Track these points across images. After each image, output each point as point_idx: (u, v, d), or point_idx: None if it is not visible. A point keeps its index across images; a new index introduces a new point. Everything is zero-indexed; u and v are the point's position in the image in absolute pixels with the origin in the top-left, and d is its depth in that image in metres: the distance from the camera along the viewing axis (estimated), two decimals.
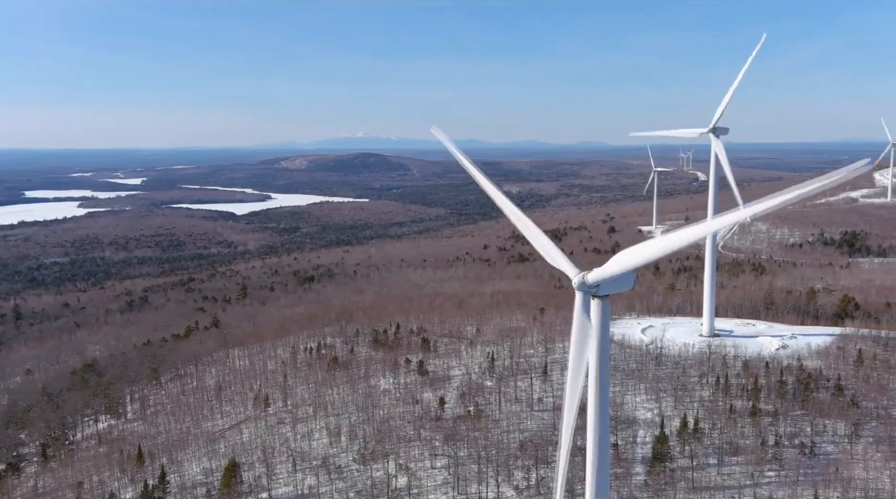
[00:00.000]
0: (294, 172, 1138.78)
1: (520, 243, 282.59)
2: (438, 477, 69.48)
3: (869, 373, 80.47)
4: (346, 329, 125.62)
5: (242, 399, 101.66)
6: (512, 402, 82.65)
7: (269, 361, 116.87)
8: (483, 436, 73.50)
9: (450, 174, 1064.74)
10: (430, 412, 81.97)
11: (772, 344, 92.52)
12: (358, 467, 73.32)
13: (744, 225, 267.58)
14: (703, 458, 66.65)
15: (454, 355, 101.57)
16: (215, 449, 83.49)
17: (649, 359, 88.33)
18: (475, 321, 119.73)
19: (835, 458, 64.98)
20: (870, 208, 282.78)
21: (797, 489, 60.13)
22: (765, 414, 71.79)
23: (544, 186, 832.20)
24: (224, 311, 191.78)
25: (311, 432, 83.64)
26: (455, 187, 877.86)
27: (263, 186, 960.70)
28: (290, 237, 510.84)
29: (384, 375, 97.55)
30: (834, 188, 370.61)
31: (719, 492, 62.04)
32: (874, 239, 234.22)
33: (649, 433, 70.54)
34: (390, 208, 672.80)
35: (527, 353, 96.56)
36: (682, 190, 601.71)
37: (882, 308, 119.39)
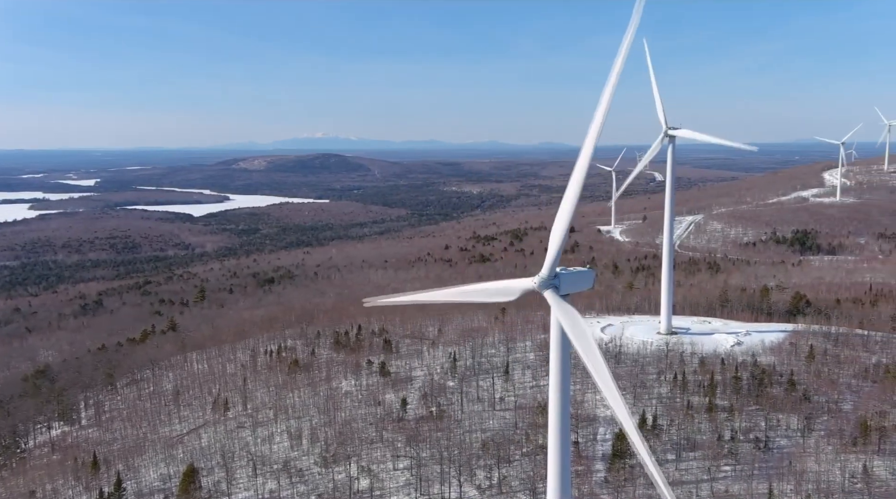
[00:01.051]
0: (253, 172, 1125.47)
1: (481, 244, 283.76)
2: (401, 478, 69.40)
3: (820, 368, 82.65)
4: (306, 331, 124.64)
5: (201, 404, 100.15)
6: (474, 402, 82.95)
7: (228, 364, 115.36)
8: (445, 436, 73.60)
9: (410, 175, 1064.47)
10: (392, 414, 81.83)
11: (727, 341, 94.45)
12: (319, 469, 72.83)
13: (700, 224, 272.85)
14: (662, 454, 67.72)
15: (416, 356, 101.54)
16: (173, 455, 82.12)
17: (609, 357, 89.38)
18: (437, 322, 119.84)
19: (788, 451, 66.62)
20: (819, 207, 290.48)
21: (752, 483, 61.50)
22: (721, 410, 73.27)
23: (505, 186, 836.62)
24: (181, 314, 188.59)
25: (271, 435, 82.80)
26: (416, 188, 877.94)
27: (221, 186, 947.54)
28: (249, 239, 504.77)
29: (346, 377, 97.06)
30: (785, 187, 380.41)
31: (677, 487, 63.08)
32: (824, 237, 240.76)
33: (609, 431, 71.43)
34: (351, 209, 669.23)
35: (488, 353, 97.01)
36: (640, 190, 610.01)
37: (832, 305, 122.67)
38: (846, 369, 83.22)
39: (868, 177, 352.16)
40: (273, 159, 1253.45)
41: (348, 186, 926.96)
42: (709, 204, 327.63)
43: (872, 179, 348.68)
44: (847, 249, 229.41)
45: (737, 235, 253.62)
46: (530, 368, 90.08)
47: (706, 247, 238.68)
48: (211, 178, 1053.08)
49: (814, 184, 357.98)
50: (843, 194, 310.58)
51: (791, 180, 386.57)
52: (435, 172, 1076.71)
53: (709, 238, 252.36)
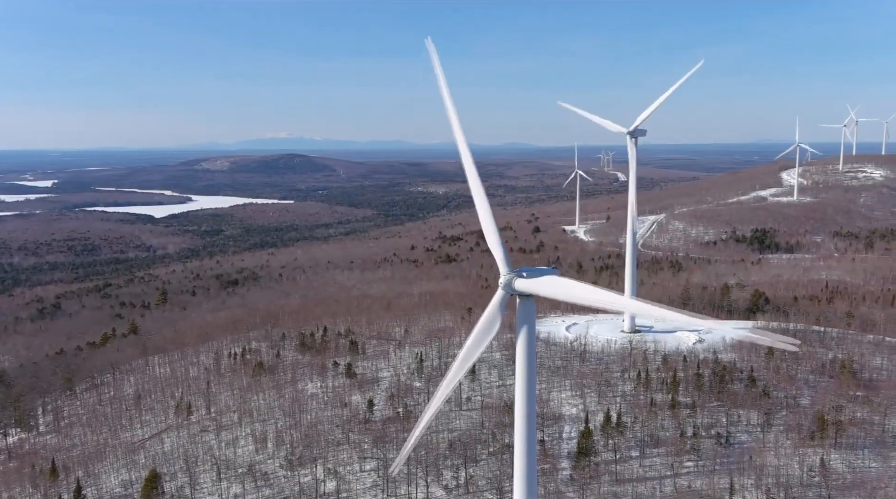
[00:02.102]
0: (216, 173, 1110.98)
1: (447, 244, 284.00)
2: (367, 480, 69.18)
3: (779, 364, 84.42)
4: (271, 333, 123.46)
5: (163, 408, 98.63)
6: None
7: (191, 367, 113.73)
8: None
9: (376, 175, 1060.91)
10: (358, 415, 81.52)
11: (689, 339, 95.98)
12: (285, 472, 72.25)
13: (662, 224, 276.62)
14: (626, 451, 68.59)
15: (383, 357, 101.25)
16: (135, 460, 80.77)
17: (574, 356, 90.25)
18: (403, 322, 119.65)
19: (748, 446, 67.93)
20: (778, 207, 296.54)
21: (714, 478, 62.58)
22: (683, 406, 74.40)
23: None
24: (143, 317, 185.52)
25: (236, 439, 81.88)
26: (382, 188, 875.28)
27: (183, 187, 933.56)
28: (212, 240, 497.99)
29: (311, 378, 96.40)
30: (744, 187, 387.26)
31: (641, 483, 63.95)
32: (782, 236, 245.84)
33: (574, 429, 72.09)
34: (316, 210, 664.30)
35: (455, 353, 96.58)
36: (604, 190, 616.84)
37: (790, 302, 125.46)
38: (804, 365, 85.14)
39: (824, 177, 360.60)
40: (236, 160, 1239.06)
41: (313, 187, 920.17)
42: (671, 204, 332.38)
43: (828, 178, 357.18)
44: (804, 247, 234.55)
45: (698, 234, 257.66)
46: (496, 367, 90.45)
47: (668, 246, 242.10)
48: (173, 178, 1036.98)
49: (772, 184, 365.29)
50: (800, 194, 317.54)
51: (750, 180, 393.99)
52: (400, 172, 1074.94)
53: (671, 237, 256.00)
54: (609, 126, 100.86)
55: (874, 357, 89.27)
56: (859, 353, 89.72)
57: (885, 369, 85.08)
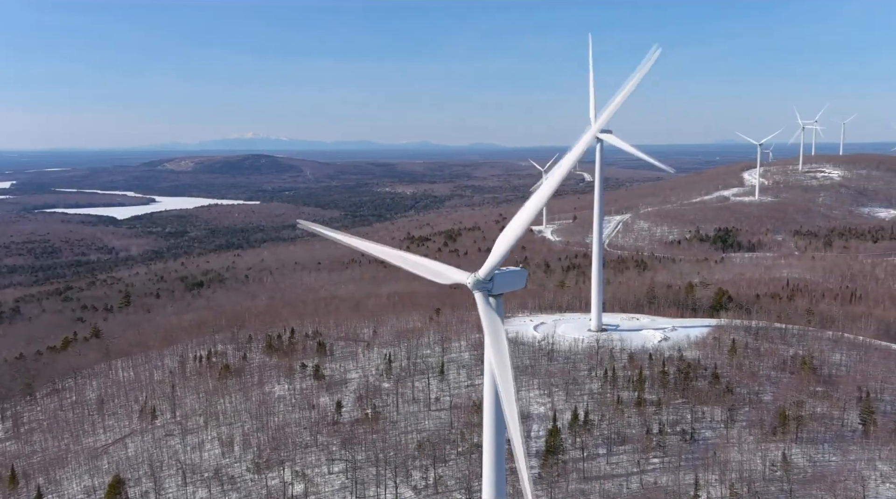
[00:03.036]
0: (180, 173, 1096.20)
1: (415, 244, 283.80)
2: (336, 482, 68.87)
3: (742, 361, 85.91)
4: (237, 335, 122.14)
5: (127, 412, 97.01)
6: (410, 402, 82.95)
7: (155, 371, 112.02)
8: (381, 438, 73.41)
9: (343, 175, 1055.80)
10: (326, 417, 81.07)
11: (655, 337, 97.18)
12: (252, 476, 71.58)
13: (628, 223, 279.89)
14: (593, 448, 69.27)
15: (351, 358, 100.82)
16: (98, 466, 79.34)
17: (541, 355, 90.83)
18: (371, 323, 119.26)
19: (713, 443, 69.04)
20: (740, 206, 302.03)
21: (679, 474, 63.49)
22: (649, 404, 75.34)
23: (438, 187, 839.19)
24: (105, 320, 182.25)
25: (201, 442, 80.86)
26: (349, 189, 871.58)
27: (146, 188, 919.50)
28: (176, 242, 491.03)
29: (279, 381, 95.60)
30: (707, 187, 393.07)
31: (608, 480, 64.63)
32: (744, 235, 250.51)
33: (543, 427, 72.55)
34: (283, 211, 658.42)
35: (423, 353, 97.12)
36: (570, 190, 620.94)
37: (752, 300, 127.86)
38: (766, 362, 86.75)
39: (784, 177, 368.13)
40: (201, 160, 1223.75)
41: (279, 188, 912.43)
42: (636, 204, 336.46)
43: (788, 178, 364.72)
44: (766, 246, 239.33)
45: (662, 233, 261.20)
46: (465, 367, 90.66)
47: (634, 245, 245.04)
48: (136, 179, 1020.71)
49: (734, 183, 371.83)
50: (761, 193, 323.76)
51: (713, 180, 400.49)
52: (368, 172, 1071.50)
53: (636, 237, 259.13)
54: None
55: (833, 353, 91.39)
56: (819, 349, 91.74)
57: (843, 365, 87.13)
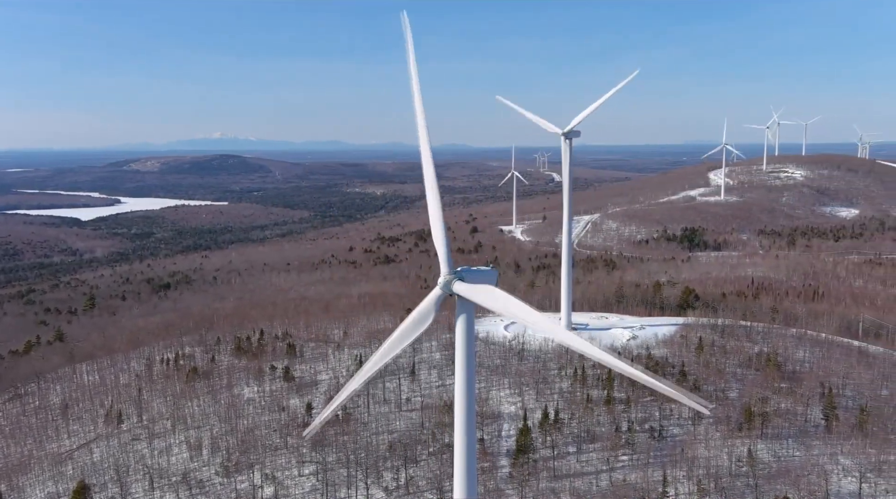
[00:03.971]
0: (146, 174, 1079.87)
1: (385, 245, 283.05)
2: (306, 484, 68.47)
3: (708, 359, 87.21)
4: (206, 337, 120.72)
5: (92, 417, 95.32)
6: (380, 403, 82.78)
7: (121, 374, 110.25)
8: (352, 439, 73.16)
9: (312, 176, 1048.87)
10: (297, 419, 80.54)
11: (623, 335, 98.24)
12: (221, 479, 70.84)
13: (596, 223, 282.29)
14: (564, 447, 69.80)
15: (321, 360, 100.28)
16: (62, 471, 77.88)
17: (512, 354, 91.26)
18: (342, 324, 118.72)
19: (680, 439, 70.00)
20: (706, 206, 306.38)
21: (648, 471, 64.26)
22: (618, 402, 76.12)
23: (408, 187, 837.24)
24: (70, 323, 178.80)
25: (169, 446, 79.83)
26: (318, 189, 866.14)
27: (111, 189, 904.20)
28: (142, 243, 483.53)
29: (248, 383, 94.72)
30: (674, 187, 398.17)
31: (578, 478, 65.17)
32: (710, 234, 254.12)
33: (513, 426, 72.92)
34: (251, 211, 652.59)
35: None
36: (540, 190, 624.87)
37: (718, 298, 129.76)
38: (732, 359, 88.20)
39: (749, 177, 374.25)
40: (168, 160, 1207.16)
41: (248, 188, 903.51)
42: (604, 204, 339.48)
43: (753, 178, 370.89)
44: (731, 245, 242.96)
45: (630, 233, 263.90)
46: (436, 367, 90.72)
47: (602, 245, 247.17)
48: (100, 180, 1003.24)
49: (700, 183, 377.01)
50: (726, 193, 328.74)
51: (680, 180, 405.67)
52: (338, 173, 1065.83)
53: (605, 237, 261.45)
54: (545, 125, 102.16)
55: (797, 350, 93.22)
56: (783, 346, 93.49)
57: (807, 362, 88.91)
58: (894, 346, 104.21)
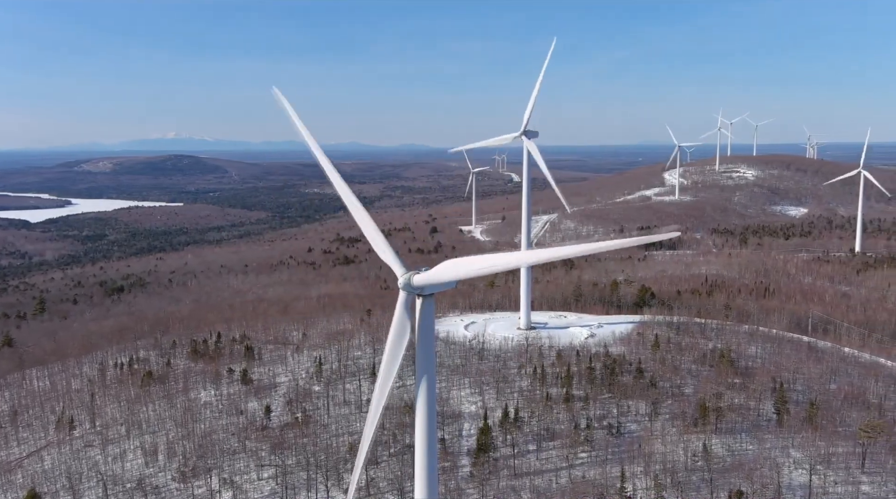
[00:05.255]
0: (98, 175, 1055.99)
1: (345, 246, 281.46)
2: (266, 488, 67.73)
3: (664, 355, 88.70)
4: (161, 341, 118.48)
5: (43, 424, 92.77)
6: (341, 405, 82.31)
7: (73, 380, 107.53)
8: (312, 442, 72.59)
9: (270, 176, 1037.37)
10: (255, 422, 79.60)
11: (581, 333, 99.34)
12: (178, 485, 69.65)
13: (555, 223, 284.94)
14: (524, 445, 70.29)
15: (280, 362, 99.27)
16: (11, 480, 75.65)
17: (472, 354, 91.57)
18: (301, 326, 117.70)
19: (638, 435, 71.04)
20: (661, 205, 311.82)
21: (606, 467, 65.10)
22: (577, 399, 76.95)
23: (368, 187, 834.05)
24: (19, 328, 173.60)
25: (123, 452, 78.17)
26: (276, 190, 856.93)
27: (62, 190, 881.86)
28: (94, 245, 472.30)
29: (205, 387, 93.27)
30: (630, 187, 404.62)
31: (538, 476, 65.71)
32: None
33: (474, 426, 73.18)
34: (207, 212, 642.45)
35: (354, 355, 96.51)
36: (499, 190, 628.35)
37: (674, 296, 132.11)
38: (687, 356, 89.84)
39: (702, 177, 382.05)
40: (120, 161, 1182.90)
41: (204, 189, 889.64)
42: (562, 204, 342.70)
43: (706, 178, 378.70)
44: (686, 244, 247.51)
45: (588, 232, 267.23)
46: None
47: (561, 244, 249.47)
48: (50, 181, 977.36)
49: (656, 183, 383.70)
50: (681, 193, 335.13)
51: (636, 180, 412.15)
52: (296, 173, 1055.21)
53: (563, 236, 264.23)
54: (502, 140, 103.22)
55: (749, 346, 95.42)
56: (736, 342, 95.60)
57: (759, 358, 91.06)
58: (842, 341, 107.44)
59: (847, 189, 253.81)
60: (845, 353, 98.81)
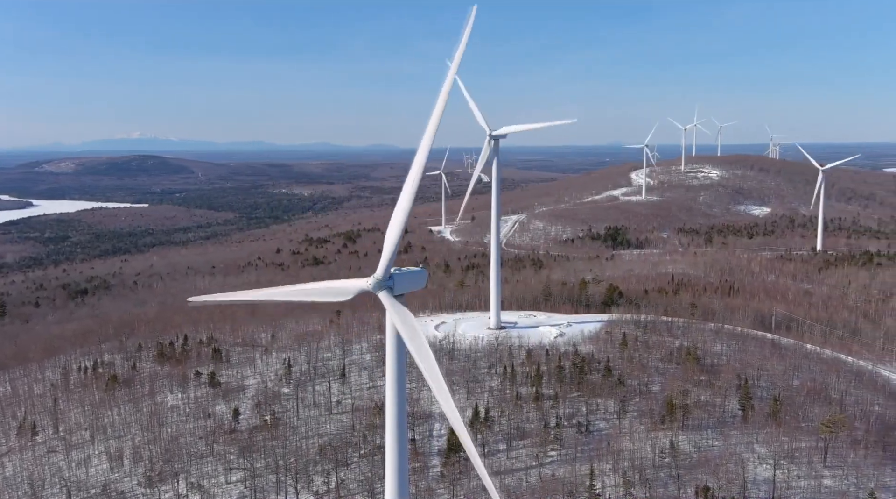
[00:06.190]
0: (60, 175, 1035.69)
1: (314, 246, 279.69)
2: (234, 491, 67.07)
3: (632, 354, 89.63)
4: (126, 344, 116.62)
5: (4, 429, 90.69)
6: (310, 407, 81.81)
7: (35, 385, 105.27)
8: (281, 444, 72.05)
9: (237, 177, 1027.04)
10: (223, 425, 78.76)
11: (551, 333, 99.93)
12: (144, 490, 68.62)
13: (524, 223, 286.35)
14: (494, 444, 70.56)
15: (248, 364, 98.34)
16: None
17: (443, 354, 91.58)
18: (270, 328, 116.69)
19: (606, 433, 71.70)
20: (628, 205, 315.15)
21: (576, 465, 65.60)
22: (546, 398, 77.43)
23: (336, 188, 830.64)
24: None
25: (87, 458, 76.78)
26: (243, 190, 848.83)
27: (22, 191, 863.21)
28: (57, 247, 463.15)
29: (171, 390, 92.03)
30: (598, 187, 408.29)
31: (508, 475, 66.00)
32: (633, 233, 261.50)
33: (444, 426, 73.22)
34: (173, 213, 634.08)
35: (324, 356, 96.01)
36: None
37: (641, 295, 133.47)
38: (654, 354, 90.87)
39: (668, 177, 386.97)
40: (83, 161, 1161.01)
41: (169, 190, 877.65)
42: (531, 204, 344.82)
43: (672, 178, 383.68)
44: (652, 243, 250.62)
45: (557, 232, 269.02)
46: (367, 369, 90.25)
47: (530, 244, 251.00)
48: (10, 182, 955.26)
49: (623, 183, 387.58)
50: (647, 193, 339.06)
51: (603, 180, 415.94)
52: (263, 173, 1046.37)
53: (532, 236, 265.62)
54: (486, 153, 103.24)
55: (715, 344, 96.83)
56: (702, 340, 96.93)
57: (724, 355, 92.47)
58: (804, 338, 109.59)
59: (809, 189, 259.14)
60: (807, 349, 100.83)
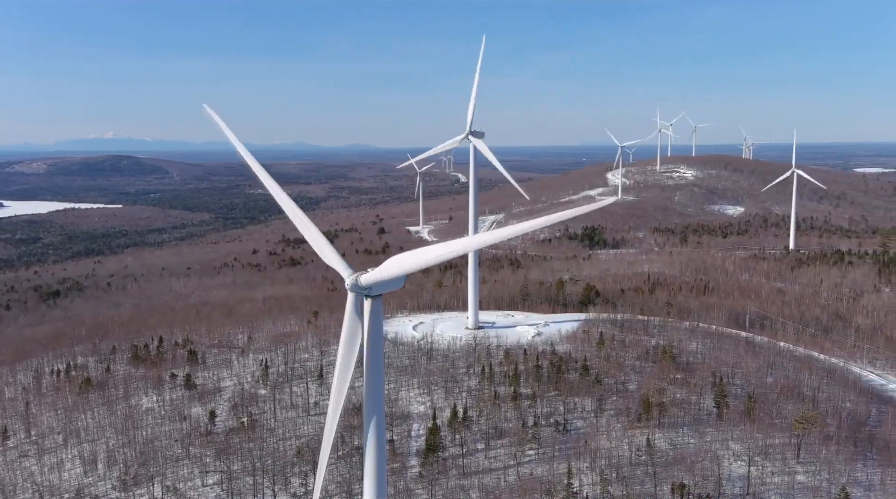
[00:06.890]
0: (31, 176, 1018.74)
1: (291, 247, 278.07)
2: (211, 494, 66.49)
3: (609, 353, 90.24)
4: (100, 346, 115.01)
5: None
6: (287, 408, 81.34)
7: (6, 388, 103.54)
8: (258, 446, 71.55)
9: (213, 177, 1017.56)
10: (199, 428, 78.03)
11: (528, 332, 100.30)
12: (118, 494, 67.78)
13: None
14: (472, 444, 70.65)
15: (225, 366, 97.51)
16: None
17: (421, 354, 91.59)
18: (246, 329, 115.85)
19: (584, 432, 72.12)
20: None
21: (554, 464, 65.91)
22: (524, 397, 77.68)
23: (313, 188, 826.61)
24: None
25: (60, 462, 75.68)
26: (219, 191, 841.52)
27: None
28: (28, 249, 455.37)
29: (146, 392, 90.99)
30: (574, 187, 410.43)
31: (487, 474, 66.16)
32: (609, 232, 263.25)
33: (423, 426, 73.22)
34: (148, 214, 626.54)
35: (301, 357, 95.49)
36: (446, 191, 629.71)
37: (618, 294, 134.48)
38: (631, 352, 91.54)
39: (644, 177, 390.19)
40: (56, 162, 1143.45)
41: (144, 190, 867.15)
42: (508, 204, 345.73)
43: (647, 178, 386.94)
44: (628, 242, 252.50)
45: (534, 232, 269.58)
46: None
47: (507, 244, 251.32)
48: None
49: (599, 183, 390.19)
50: (623, 193, 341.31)
51: (580, 180, 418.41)
52: (240, 173, 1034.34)
53: None
54: (450, 145, 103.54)
55: (690, 342, 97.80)
56: (678, 339, 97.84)
57: (699, 353, 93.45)
58: (778, 336, 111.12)
59: (782, 188, 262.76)
60: (781, 347, 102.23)
